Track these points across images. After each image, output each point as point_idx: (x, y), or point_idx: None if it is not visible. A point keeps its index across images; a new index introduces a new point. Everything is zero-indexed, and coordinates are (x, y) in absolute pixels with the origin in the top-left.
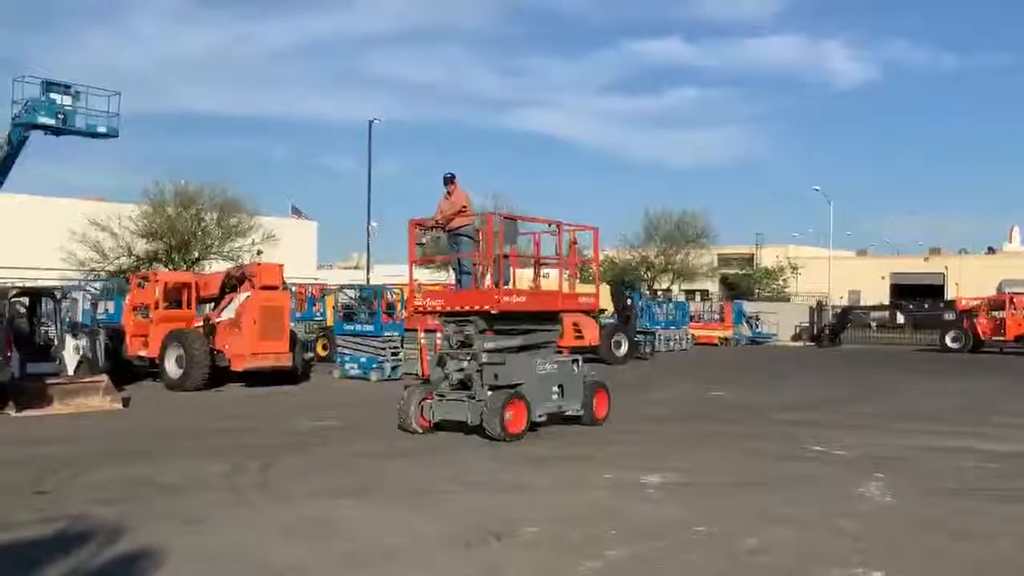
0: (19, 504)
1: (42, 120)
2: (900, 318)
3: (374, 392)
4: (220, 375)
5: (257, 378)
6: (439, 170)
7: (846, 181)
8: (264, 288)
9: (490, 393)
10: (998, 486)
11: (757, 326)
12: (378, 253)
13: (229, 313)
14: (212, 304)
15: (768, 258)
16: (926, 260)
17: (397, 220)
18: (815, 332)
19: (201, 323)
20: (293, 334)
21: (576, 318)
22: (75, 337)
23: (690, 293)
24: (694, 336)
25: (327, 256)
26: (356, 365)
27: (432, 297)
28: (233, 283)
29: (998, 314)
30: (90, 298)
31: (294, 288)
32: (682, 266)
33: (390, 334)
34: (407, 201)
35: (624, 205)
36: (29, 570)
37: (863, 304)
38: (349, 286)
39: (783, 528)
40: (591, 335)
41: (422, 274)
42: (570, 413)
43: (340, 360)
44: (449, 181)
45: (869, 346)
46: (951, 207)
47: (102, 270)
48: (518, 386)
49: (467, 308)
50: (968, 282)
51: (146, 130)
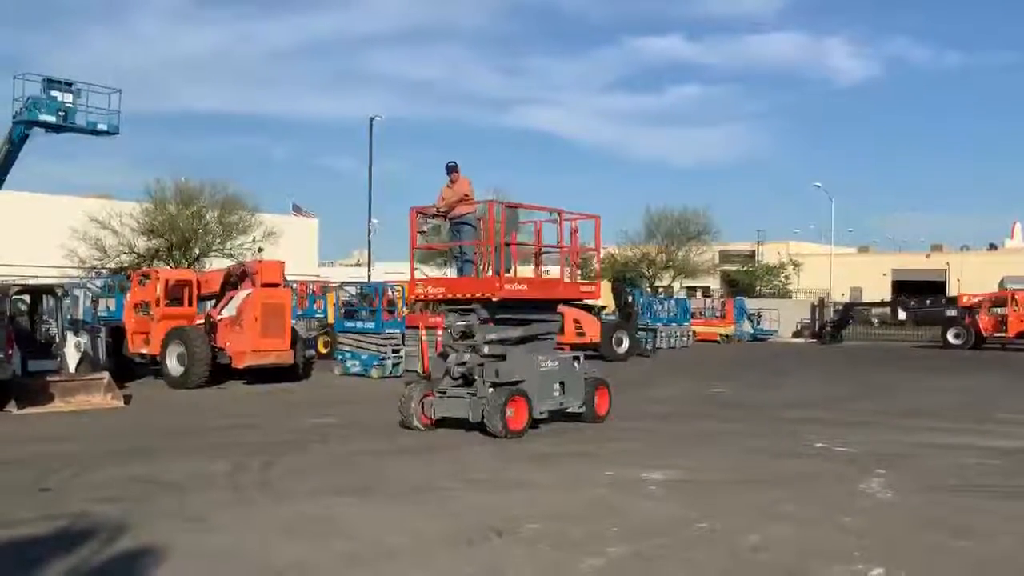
0: (21, 502)
1: (43, 117)
2: (902, 315)
3: (375, 389)
4: (221, 372)
5: (258, 375)
6: (440, 168)
7: (848, 178)
8: (265, 285)
9: (491, 390)
10: (1000, 483)
11: (758, 323)
12: (379, 251)
13: (230, 310)
14: (213, 301)
15: (769, 255)
16: (928, 257)
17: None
18: (816, 329)
19: (202, 320)
20: (294, 331)
21: (577, 315)
22: (76, 335)
23: (691, 290)
24: (695, 333)
25: (329, 254)
26: (357, 362)
27: (433, 285)
28: (234, 280)
29: (1000, 311)
30: (91, 296)
31: (295, 285)
32: (683, 263)
33: (391, 331)
34: (408, 199)
35: (626, 202)
36: (31, 568)
37: (865, 301)
38: (350, 283)
39: (784, 525)
40: (592, 332)
41: (425, 271)
42: (571, 410)
43: (341, 357)
44: (452, 170)
45: (871, 343)
46: (953, 204)
47: (103, 267)
48: (519, 383)
49: (468, 295)
50: (970, 279)
51: (147, 128)
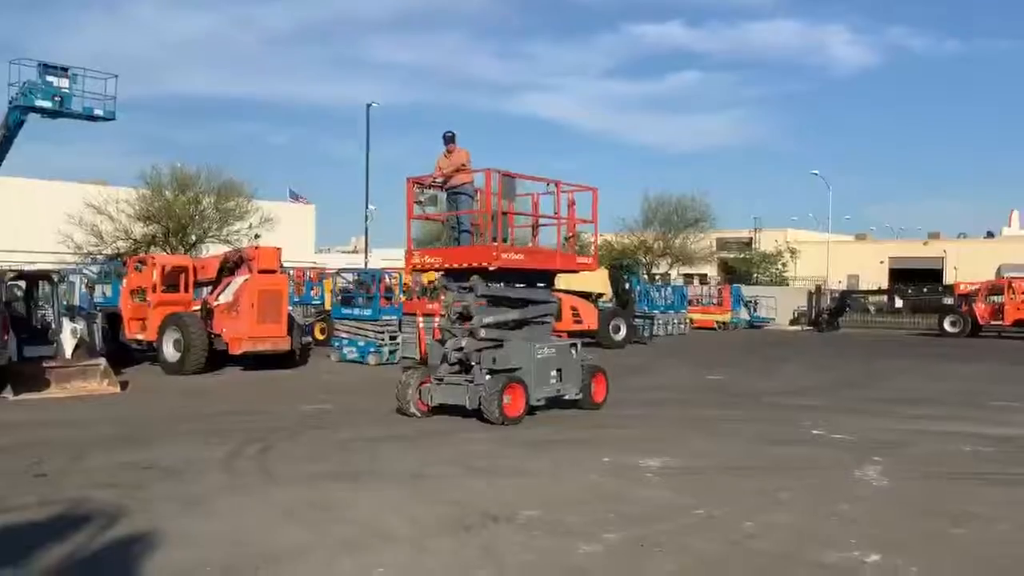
0: (18, 487)
1: (39, 103)
2: (898, 302)
3: (372, 376)
4: (218, 359)
5: (255, 362)
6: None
7: (846, 165)
8: (262, 272)
9: (488, 377)
10: (996, 470)
11: (755, 310)
12: (377, 237)
13: (227, 297)
14: (210, 288)
15: (767, 242)
16: (925, 244)
17: (396, 205)
18: (813, 316)
19: (199, 307)
20: (291, 318)
21: (575, 302)
22: (72, 321)
23: (688, 277)
24: (692, 320)
25: (327, 241)
26: (354, 349)
27: (430, 254)
28: (231, 267)
29: (997, 299)
30: (87, 281)
31: (292, 272)
32: (680, 250)
33: (388, 318)
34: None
35: (623, 189)
36: (28, 553)
37: (862, 288)
38: (347, 270)
39: (781, 512)
40: (589, 319)
41: None
42: (568, 397)
43: (338, 344)
44: (449, 140)
45: (867, 330)
46: (951, 192)
47: (99, 253)
48: (516, 370)
49: (465, 265)
50: (967, 267)
51: (144, 114)
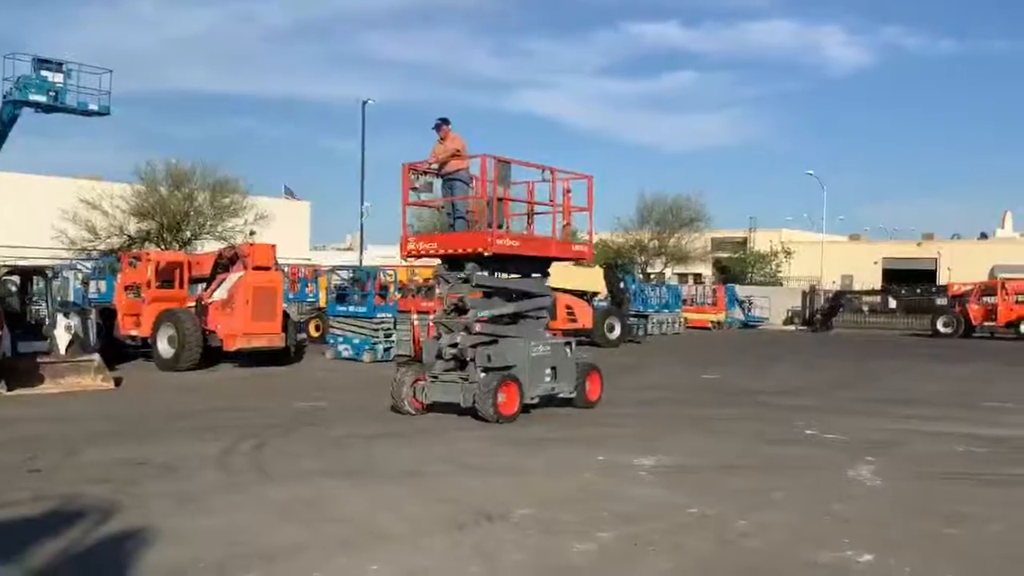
0: (11, 483)
1: (33, 97)
2: (892, 303)
3: (367, 374)
4: (212, 355)
5: (249, 359)
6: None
7: (840, 166)
8: (257, 268)
9: (483, 375)
10: (989, 471)
11: (749, 310)
12: (372, 234)
13: (221, 293)
14: (204, 284)
15: (761, 242)
16: (919, 245)
17: (391, 202)
18: (807, 316)
19: (193, 303)
20: (286, 315)
21: (569, 301)
22: (66, 316)
23: (683, 276)
24: (686, 319)
25: (323, 238)
26: (349, 346)
27: (425, 240)
28: (225, 263)
29: (990, 300)
30: (82, 277)
31: (287, 269)
32: (675, 249)
33: (383, 316)
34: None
35: (619, 188)
36: (22, 549)
37: (855, 289)
38: (342, 267)
39: (774, 511)
40: (584, 318)
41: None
42: (563, 395)
43: (333, 341)
44: (440, 126)
45: (861, 331)
46: (945, 192)
47: (94, 249)
48: (511, 368)
49: (460, 251)
50: (960, 267)
51: (139, 109)
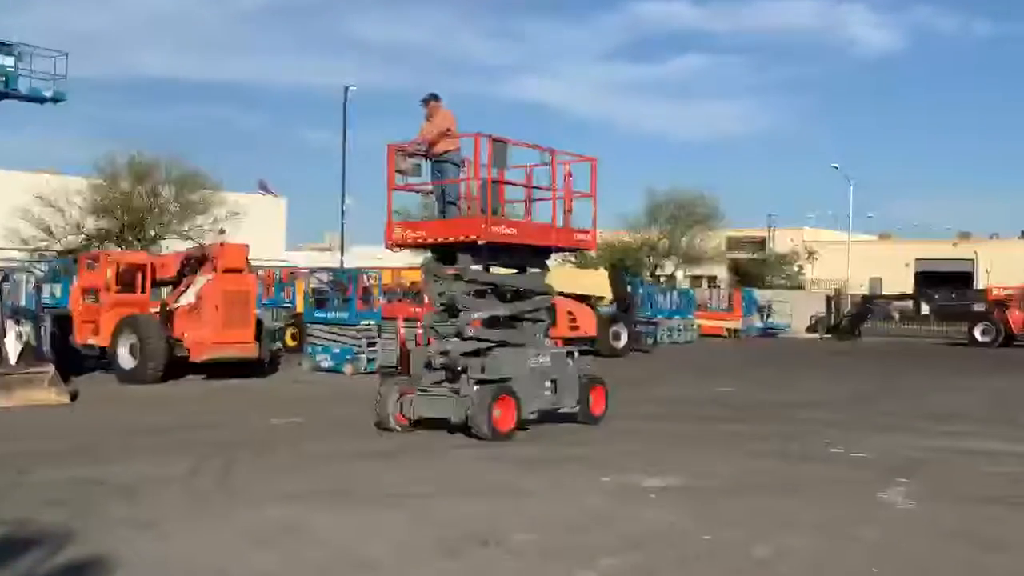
0: None
1: None
2: (925, 309)
3: (348, 386)
4: (178, 366)
5: (219, 370)
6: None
7: (868, 158)
8: (227, 271)
9: (476, 388)
10: None
11: (769, 316)
12: (354, 234)
13: (188, 298)
14: (169, 288)
15: (782, 242)
16: (955, 245)
17: (375, 198)
18: (832, 323)
19: (157, 309)
20: (259, 322)
21: (571, 306)
22: (17, 323)
23: (696, 279)
24: (700, 327)
25: (298, 237)
26: (328, 357)
27: (412, 228)
28: (193, 265)
29: None
30: (35, 281)
31: (260, 271)
32: (688, 250)
33: (366, 323)
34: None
35: (625, 182)
36: None
37: (885, 293)
38: (321, 269)
39: (795, 537)
40: (587, 325)
41: (403, 257)
42: (564, 410)
43: (311, 351)
44: (429, 101)
45: (891, 339)
46: (983, 187)
47: (48, 250)
48: (507, 380)
49: (451, 239)
50: (1000, 269)
51: (99, 96)
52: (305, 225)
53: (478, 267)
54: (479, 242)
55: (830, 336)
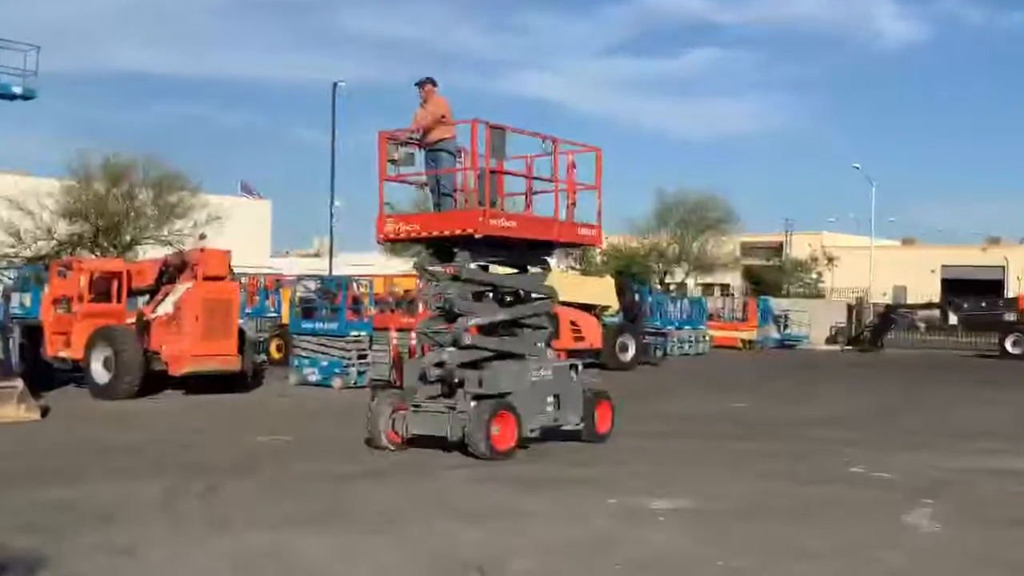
0: None
1: None
2: (952, 318)
3: (337, 402)
4: (155, 381)
5: (199, 384)
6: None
7: (891, 158)
8: (208, 279)
9: (474, 404)
10: None
11: (786, 327)
12: (343, 239)
13: (167, 308)
14: (147, 297)
15: (799, 247)
16: (984, 251)
17: (366, 201)
18: (854, 334)
19: (134, 319)
20: (242, 333)
21: (575, 316)
22: None
23: (708, 287)
24: (712, 338)
25: (284, 242)
26: (316, 370)
27: (405, 221)
28: (172, 272)
29: None
30: (3, 289)
31: (244, 279)
32: (699, 256)
33: (356, 334)
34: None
35: (632, 184)
36: None
37: (909, 302)
38: (309, 277)
39: (814, 563)
40: (592, 336)
41: (396, 264)
42: (567, 427)
43: (297, 364)
44: (424, 84)
45: (916, 351)
46: (1013, 189)
47: (17, 256)
48: (506, 395)
49: (446, 232)
50: None
51: (73, 93)
52: (292, 230)
53: (476, 266)
54: (476, 235)
55: (851, 348)
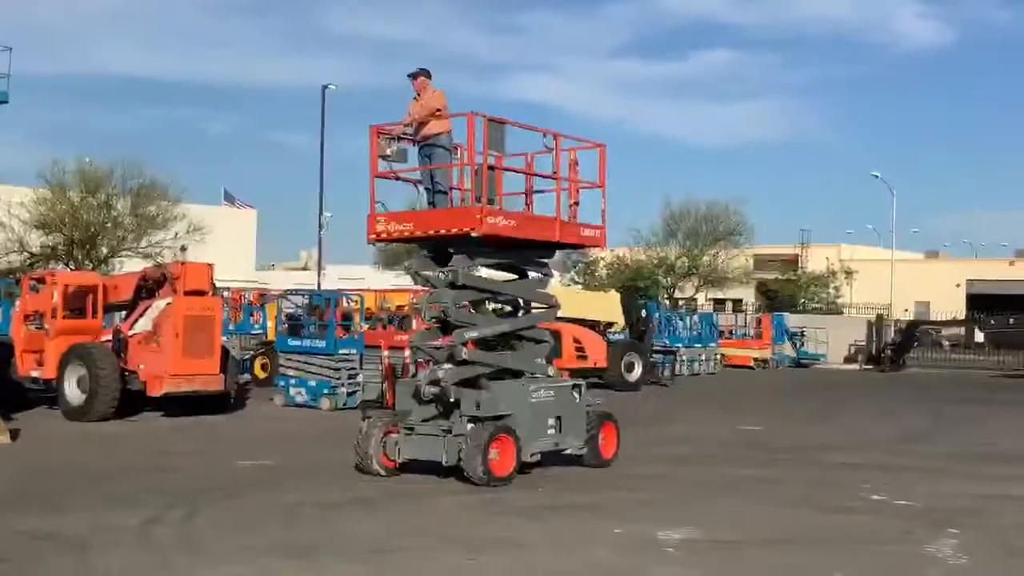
0: None
1: None
2: (978, 336)
3: (325, 424)
4: (133, 401)
5: (179, 405)
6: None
7: (913, 167)
8: (189, 293)
9: (470, 426)
10: None
11: (802, 344)
12: (333, 251)
13: (145, 324)
14: (124, 313)
15: (816, 261)
16: (1011, 264)
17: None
18: (874, 352)
19: (110, 337)
20: (225, 351)
21: (578, 333)
22: None
23: (719, 303)
24: (724, 356)
25: (270, 254)
26: (303, 390)
27: (398, 220)
28: (150, 287)
29: None
30: None
31: (227, 293)
32: (710, 270)
33: (346, 352)
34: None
35: (639, 193)
36: None
37: (933, 318)
38: (296, 291)
39: None
40: (596, 354)
41: (387, 277)
42: (570, 452)
43: (284, 384)
44: (418, 76)
45: (940, 370)
46: None
47: None
48: (505, 417)
49: (441, 231)
50: None
51: (48, 97)
52: (278, 242)
53: (474, 271)
54: (473, 234)
55: (871, 367)
